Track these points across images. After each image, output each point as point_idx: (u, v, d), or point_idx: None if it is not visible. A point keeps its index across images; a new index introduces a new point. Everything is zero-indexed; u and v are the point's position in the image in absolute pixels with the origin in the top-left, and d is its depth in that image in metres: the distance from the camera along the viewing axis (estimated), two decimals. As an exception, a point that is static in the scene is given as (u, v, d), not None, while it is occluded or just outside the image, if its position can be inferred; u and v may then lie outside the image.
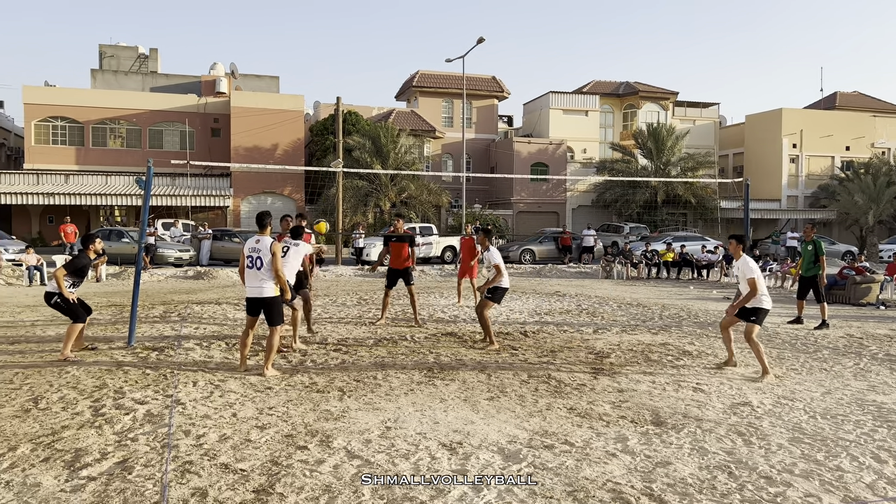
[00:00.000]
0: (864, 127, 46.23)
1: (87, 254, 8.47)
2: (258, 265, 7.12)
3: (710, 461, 4.80)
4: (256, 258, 7.13)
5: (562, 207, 42.76)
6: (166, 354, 8.32)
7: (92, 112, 36.96)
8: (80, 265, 8.36)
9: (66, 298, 8.03)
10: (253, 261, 7.15)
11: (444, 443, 5.12)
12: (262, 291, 7.13)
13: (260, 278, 7.12)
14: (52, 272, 8.31)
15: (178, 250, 24.46)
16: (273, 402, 6.16)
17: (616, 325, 11.59)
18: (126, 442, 5.03)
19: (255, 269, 7.13)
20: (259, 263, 7.11)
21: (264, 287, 7.12)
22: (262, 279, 7.11)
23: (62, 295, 8.03)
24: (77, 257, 8.49)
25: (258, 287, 7.14)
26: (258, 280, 7.13)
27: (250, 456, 4.77)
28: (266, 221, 7.34)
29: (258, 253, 7.14)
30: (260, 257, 7.12)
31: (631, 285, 20.47)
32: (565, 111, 44.49)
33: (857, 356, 8.93)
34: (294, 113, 37.83)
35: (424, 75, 43.86)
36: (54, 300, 8.12)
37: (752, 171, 46.38)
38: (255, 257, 7.14)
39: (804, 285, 12.19)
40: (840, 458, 4.90)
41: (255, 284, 7.16)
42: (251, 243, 7.24)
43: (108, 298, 14.59)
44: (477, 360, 8.26)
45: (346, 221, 31.74)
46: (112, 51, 43.40)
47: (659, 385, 7.09)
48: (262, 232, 7.29)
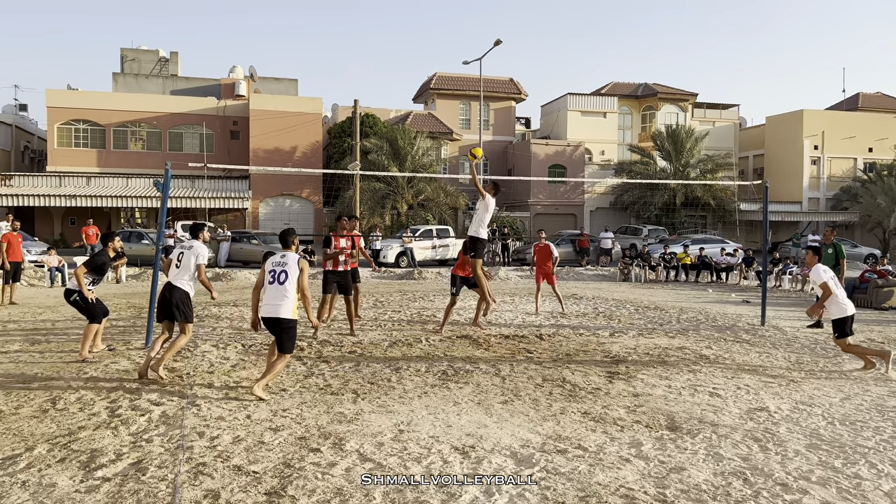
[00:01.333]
0: (887, 128, 45.55)
1: (106, 251, 8.54)
2: (281, 279, 6.50)
3: (726, 467, 4.75)
4: (281, 272, 6.52)
5: (579, 209, 42.57)
6: (182, 356, 8.38)
7: (113, 115, 37.42)
8: (99, 262, 8.42)
9: (84, 297, 8.11)
10: (276, 275, 6.52)
11: (457, 446, 5.11)
12: (279, 311, 6.44)
13: (281, 295, 6.45)
14: (73, 270, 8.41)
15: (196, 252, 24.65)
16: (287, 404, 6.19)
17: (633, 328, 11.50)
18: (141, 443, 5.08)
19: (277, 284, 6.49)
20: (283, 277, 6.49)
21: (282, 306, 6.45)
22: (283, 296, 6.45)
23: (81, 293, 8.11)
24: (97, 255, 8.56)
25: (275, 305, 6.46)
26: (278, 297, 6.46)
27: (263, 458, 4.79)
28: (290, 240, 6.86)
29: (283, 267, 6.54)
30: (285, 271, 6.51)
31: (649, 288, 20.32)
32: (583, 113, 44.29)
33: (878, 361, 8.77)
34: (312, 115, 38.05)
35: (442, 77, 43.90)
36: (73, 298, 8.19)
37: (773, 172, 45.89)
38: (280, 271, 6.52)
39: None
40: (858, 465, 4.82)
41: (272, 302, 6.48)
42: (276, 258, 6.68)
43: (127, 300, 14.75)
44: (491, 362, 8.24)
45: (363, 223, 31.85)
46: (133, 54, 43.92)
47: (675, 389, 7.03)
48: (285, 248, 6.84)
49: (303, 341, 9.47)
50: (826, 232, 12.46)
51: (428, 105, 44.99)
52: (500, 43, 28.15)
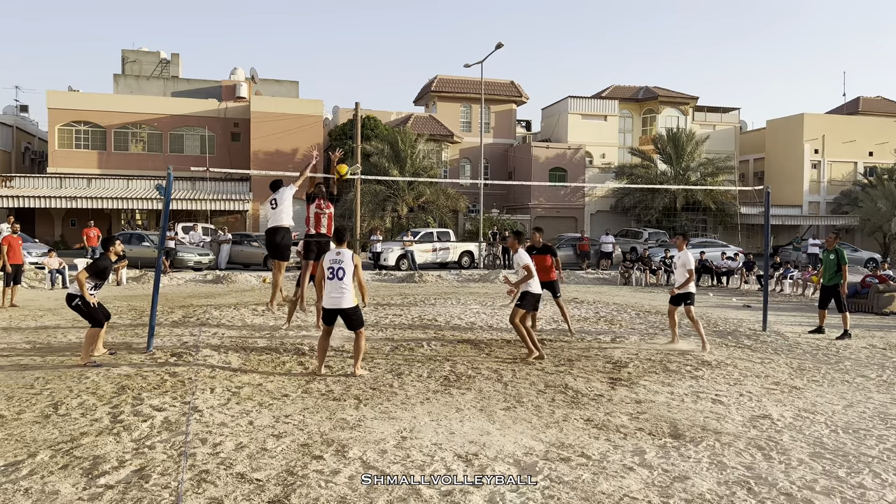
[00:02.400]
0: (887, 132, 45.57)
1: (108, 256, 8.55)
2: (339, 275, 7.39)
3: (729, 476, 4.74)
4: (338, 269, 7.40)
5: (580, 213, 42.59)
6: (184, 360, 8.38)
7: (114, 117, 37.44)
8: (101, 267, 8.43)
9: (87, 301, 8.11)
10: (334, 272, 7.41)
11: (460, 454, 5.10)
12: (342, 302, 7.40)
13: (341, 289, 7.39)
14: (75, 275, 8.40)
15: (197, 254, 24.66)
16: (289, 410, 6.18)
17: (634, 333, 11.50)
18: (143, 449, 5.07)
19: (337, 280, 7.40)
20: (341, 274, 7.39)
21: (344, 298, 7.39)
22: (343, 290, 7.39)
23: (83, 297, 8.11)
24: (98, 259, 8.57)
25: (338, 298, 7.40)
26: (339, 291, 7.40)
27: (266, 465, 4.78)
28: (345, 236, 7.64)
29: (340, 264, 7.42)
30: (342, 268, 7.40)
31: (649, 292, 20.31)
32: (584, 116, 44.31)
33: (881, 367, 8.78)
34: (313, 118, 38.08)
35: (443, 80, 43.94)
36: (75, 302, 8.18)
37: (774, 176, 45.91)
38: (337, 268, 7.41)
39: (826, 294, 12.02)
40: (862, 474, 4.81)
41: (335, 295, 7.41)
42: (331, 255, 7.53)
43: (128, 302, 14.74)
44: (493, 368, 8.23)
45: (363, 226, 31.85)
46: (134, 56, 43.94)
47: (677, 396, 7.02)
48: (339, 245, 7.62)
49: (305, 346, 9.47)
50: (829, 238, 12.33)
51: (429, 107, 45.00)
52: (502, 46, 28.16)
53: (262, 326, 11.36)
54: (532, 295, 8.82)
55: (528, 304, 8.83)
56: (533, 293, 8.83)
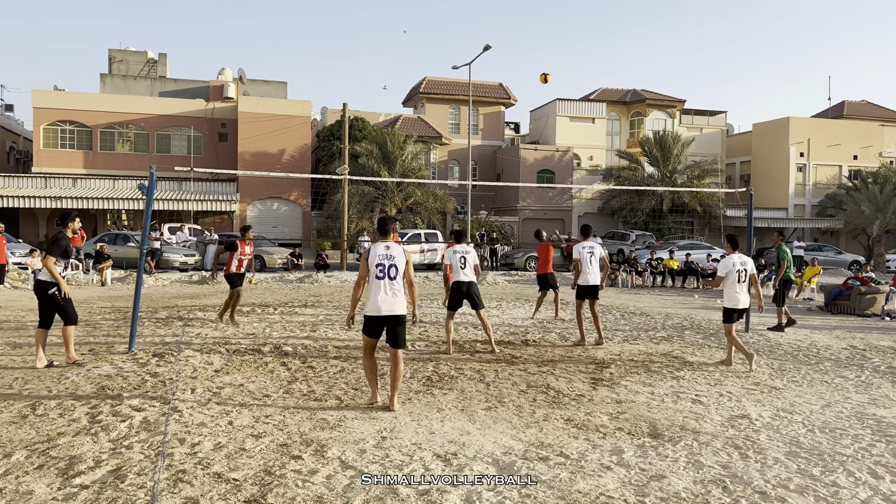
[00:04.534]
0: (872, 136, 46.04)
1: (65, 232, 8.10)
2: (392, 274, 6.07)
3: (706, 475, 4.77)
4: (390, 266, 6.07)
5: (568, 214, 42.73)
6: (166, 360, 8.34)
7: (100, 116, 37.21)
8: (63, 246, 7.94)
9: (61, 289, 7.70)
10: (385, 269, 6.06)
11: (439, 454, 5.11)
12: (395, 307, 6.08)
13: (394, 291, 6.08)
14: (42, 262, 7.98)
15: (183, 255, 24.55)
16: (270, 411, 6.16)
17: (618, 334, 11.55)
18: (121, 450, 5.04)
19: (389, 280, 6.07)
20: (394, 272, 6.08)
21: (396, 302, 6.09)
22: (396, 292, 6.10)
23: (59, 286, 7.72)
24: (58, 239, 8.01)
25: (391, 301, 6.06)
26: (392, 293, 6.07)
27: (244, 465, 4.77)
28: (389, 227, 6.29)
29: (392, 260, 6.08)
30: (395, 265, 6.09)
31: (635, 293, 20.41)
32: (572, 118, 44.49)
33: (860, 368, 8.87)
34: (301, 118, 38.00)
35: (431, 82, 43.98)
36: (52, 291, 7.74)
37: (760, 179, 46.25)
38: (389, 265, 6.07)
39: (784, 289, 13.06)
40: (836, 473, 4.86)
41: (388, 298, 6.06)
42: (379, 249, 6.13)
43: (111, 303, 14.65)
44: (476, 369, 8.24)
45: (351, 227, 31.81)
46: (121, 55, 43.70)
47: (658, 396, 7.06)
48: (384, 238, 6.28)
49: (288, 347, 9.45)
50: (774, 237, 13.58)
51: (417, 109, 45.03)
52: (490, 48, 28.22)
53: (247, 327, 11.32)
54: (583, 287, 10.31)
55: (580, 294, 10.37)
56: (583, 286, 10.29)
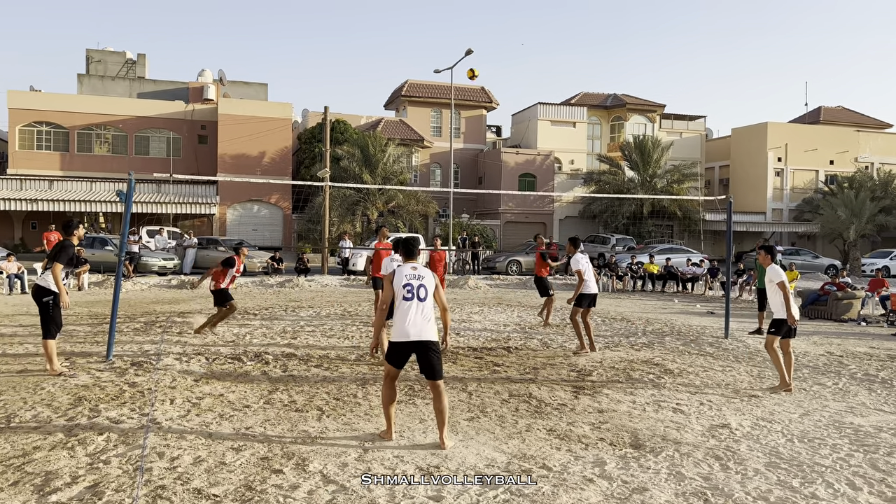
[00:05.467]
0: (847, 141, 46.75)
1: (71, 240, 8.13)
2: (420, 295, 5.55)
3: (687, 487, 4.80)
4: (419, 286, 5.56)
5: (549, 218, 42.90)
6: (145, 370, 8.23)
7: (77, 118, 36.75)
8: (70, 254, 7.95)
9: (58, 302, 7.66)
10: (414, 290, 5.55)
11: (422, 466, 5.08)
12: (427, 332, 5.50)
13: (424, 315, 5.52)
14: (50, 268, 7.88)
15: (162, 258, 24.29)
16: (250, 423, 6.10)
17: (599, 340, 11.58)
18: (98, 464, 4.96)
19: (418, 301, 5.53)
20: (423, 293, 5.56)
21: (428, 327, 5.52)
22: (427, 316, 5.54)
23: (57, 297, 7.66)
24: (66, 247, 7.99)
25: (421, 327, 5.49)
26: (422, 317, 5.51)
27: (224, 480, 4.71)
28: (416, 250, 5.91)
29: (420, 280, 5.59)
30: (424, 286, 5.58)
31: (616, 298, 20.52)
32: (553, 122, 44.70)
33: (837, 375, 8.98)
34: (282, 121, 37.79)
35: (413, 85, 43.96)
36: (46, 300, 7.68)
37: (738, 183, 46.77)
38: (418, 286, 5.57)
39: (763, 297, 12.70)
40: (815, 484, 4.91)
41: (418, 323, 5.49)
42: (406, 270, 5.65)
43: (89, 308, 14.45)
44: (459, 377, 8.23)
45: (333, 231, 31.67)
46: (99, 56, 43.22)
47: (639, 405, 7.09)
48: (409, 260, 5.86)
49: (268, 355, 9.37)
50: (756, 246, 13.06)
51: (399, 112, 44.99)
52: (471, 52, 28.25)
53: (226, 334, 11.21)
54: (586, 296, 10.17)
55: (581, 303, 10.18)
56: (587, 294, 10.18)
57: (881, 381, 8.72)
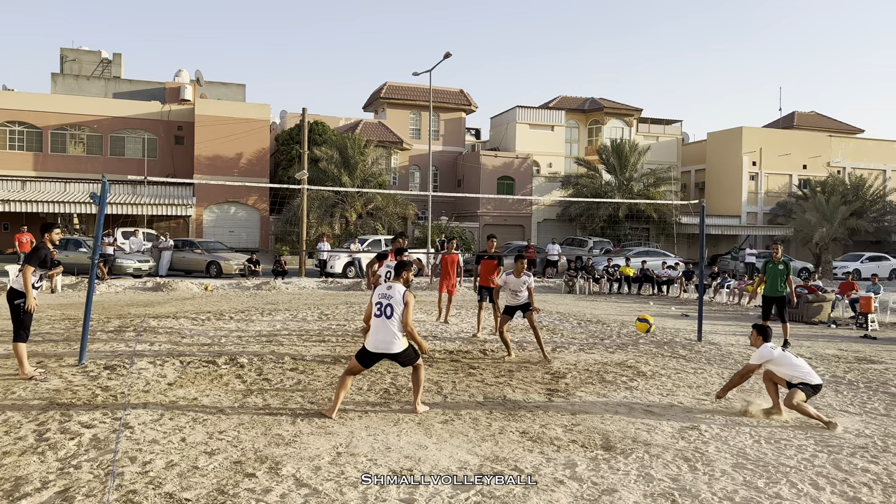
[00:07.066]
0: (820, 146, 47.53)
1: (45, 242, 8.09)
2: (388, 313, 6.46)
3: (655, 488, 4.88)
4: (387, 306, 6.48)
5: (527, 221, 43.11)
6: (118, 373, 8.17)
7: (51, 117, 36.24)
8: (42, 255, 7.90)
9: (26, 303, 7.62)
10: (382, 308, 6.49)
11: (395, 469, 5.12)
12: (392, 347, 6.45)
13: (390, 331, 6.44)
14: (20, 270, 7.84)
15: (137, 260, 24.04)
16: (224, 426, 6.09)
17: (574, 343, 11.70)
18: (69, 469, 4.93)
19: (385, 318, 6.47)
20: (389, 311, 6.45)
21: (394, 342, 6.44)
22: (393, 332, 6.44)
23: (25, 298, 7.60)
24: (38, 248, 7.95)
25: (387, 341, 6.45)
26: (387, 333, 6.45)
27: (196, 484, 4.71)
28: (403, 271, 6.76)
29: (389, 300, 6.49)
30: (391, 305, 6.46)
31: (592, 300, 20.70)
32: (531, 125, 44.93)
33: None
34: (260, 122, 37.58)
35: (392, 87, 43.95)
36: (17, 302, 7.66)
37: (714, 187, 47.35)
38: (386, 304, 6.49)
39: (769, 305, 12.39)
40: (780, 484, 5.02)
41: (383, 338, 6.45)
42: (382, 289, 6.63)
43: (62, 311, 14.29)
44: (434, 380, 8.27)
45: (311, 233, 31.56)
46: (74, 55, 42.67)
47: (611, 407, 7.19)
48: (395, 279, 6.75)
49: (244, 358, 9.35)
50: (774, 248, 12.59)
51: (378, 114, 44.95)
52: (450, 56, 28.33)
53: (202, 336, 11.15)
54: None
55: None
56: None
57: (847, 382, 8.91)
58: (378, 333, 6.47)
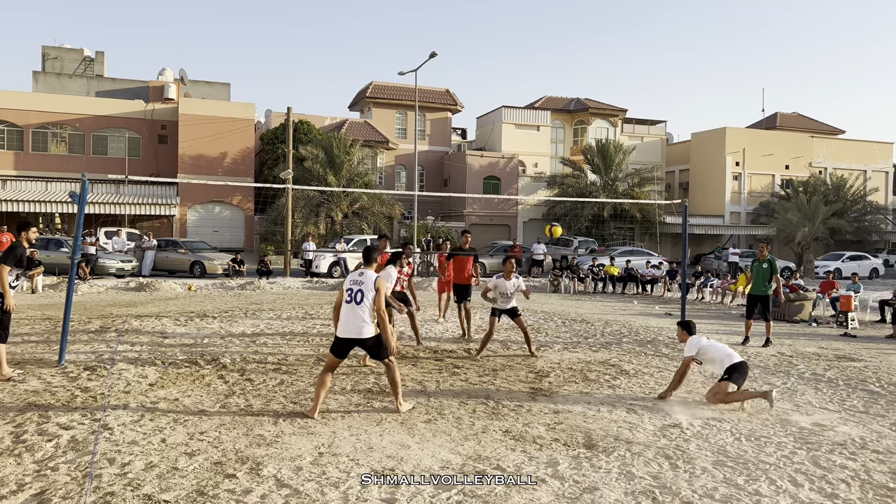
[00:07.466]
0: (802, 147, 47.99)
1: (21, 242, 7.98)
2: (358, 299, 6.41)
3: (636, 486, 4.90)
4: (357, 291, 6.43)
5: (513, 220, 43.20)
6: (98, 374, 8.09)
7: (32, 116, 35.86)
8: (18, 254, 7.75)
9: (4, 303, 7.55)
10: (353, 294, 6.44)
11: (377, 469, 5.11)
12: (362, 332, 6.40)
13: (359, 316, 6.40)
14: None
15: (119, 260, 23.83)
16: (205, 427, 6.05)
17: (558, 342, 11.73)
18: (46, 471, 4.88)
19: (355, 304, 6.42)
20: (360, 297, 6.41)
21: (364, 327, 6.40)
22: (363, 318, 6.40)
23: (3, 298, 7.51)
24: (14, 247, 7.82)
25: (357, 326, 6.40)
26: (357, 318, 6.41)
27: (176, 486, 4.68)
28: (374, 256, 6.74)
29: (360, 286, 6.45)
30: (362, 290, 6.42)
31: (577, 300, 20.77)
32: (517, 126, 45.02)
33: (786, 375, 9.24)
34: (244, 121, 37.39)
35: (378, 86, 43.87)
36: None
37: (697, 187, 47.68)
38: (356, 290, 6.44)
39: (753, 304, 12.29)
40: (759, 481, 5.06)
41: (353, 322, 6.42)
42: (354, 276, 6.58)
43: (42, 311, 14.13)
44: (418, 379, 8.27)
45: (296, 232, 31.43)
46: (56, 53, 42.26)
47: (594, 406, 7.21)
48: (367, 266, 6.69)
49: (226, 358, 9.29)
50: (761, 247, 12.52)
51: (364, 113, 44.87)
52: (436, 55, 28.34)
53: (185, 336, 11.07)
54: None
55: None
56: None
57: (827, 380, 9.00)
58: (348, 319, 6.43)
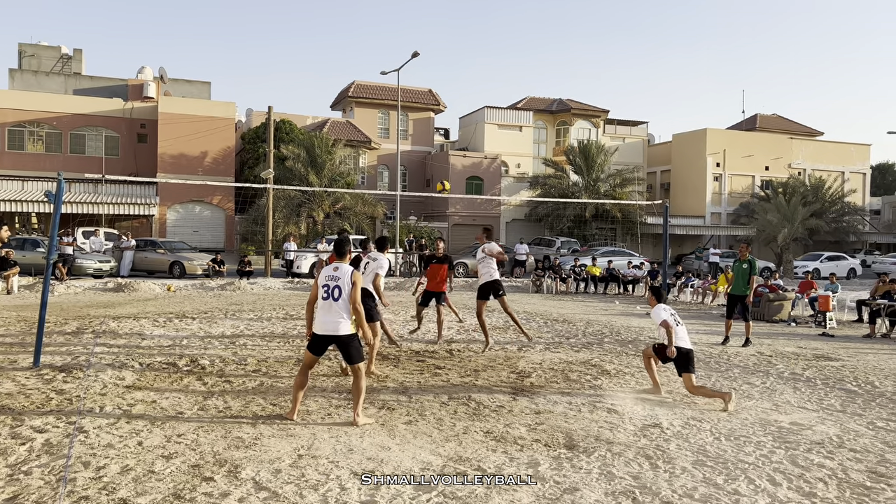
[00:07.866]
0: (782, 148, 48.52)
1: None
2: (335, 295, 6.16)
3: (617, 486, 4.91)
4: (334, 287, 6.17)
5: (496, 221, 43.23)
6: (74, 376, 7.97)
7: (8, 114, 35.30)
8: None
9: None
10: (329, 290, 6.18)
11: (357, 471, 5.07)
12: (339, 328, 6.15)
13: (337, 312, 6.15)
14: None
15: (97, 261, 23.53)
16: (183, 429, 5.97)
17: (540, 342, 11.75)
18: (18, 475, 4.78)
19: (332, 301, 6.16)
20: (337, 293, 6.16)
21: (341, 323, 6.15)
22: (340, 313, 6.15)
23: None
24: None
25: (334, 322, 6.15)
26: (334, 314, 6.15)
27: (152, 489, 4.61)
28: (346, 249, 6.45)
29: (336, 282, 6.19)
30: (339, 286, 6.17)
31: (559, 300, 20.82)
32: (500, 126, 45.08)
33: (765, 375, 9.31)
34: (225, 120, 37.07)
35: (360, 86, 43.73)
36: None
37: (679, 188, 48.03)
38: (333, 286, 6.18)
39: (733, 304, 12.38)
40: (738, 481, 5.08)
41: (330, 319, 6.16)
42: (328, 271, 6.30)
43: (17, 312, 13.91)
44: (399, 380, 8.23)
45: (277, 232, 31.22)
46: (33, 50, 41.61)
47: (575, 406, 7.22)
48: (340, 259, 6.42)
49: (205, 360, 9.19)
50: (741, 248, 12.59)
51: (346, 113, 44.69)
52: (418, 55, 28.31)
53: (163, 338, 10.95)
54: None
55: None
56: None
57: (806, 379, 9.08)
58: (325, 315, 6.19)
